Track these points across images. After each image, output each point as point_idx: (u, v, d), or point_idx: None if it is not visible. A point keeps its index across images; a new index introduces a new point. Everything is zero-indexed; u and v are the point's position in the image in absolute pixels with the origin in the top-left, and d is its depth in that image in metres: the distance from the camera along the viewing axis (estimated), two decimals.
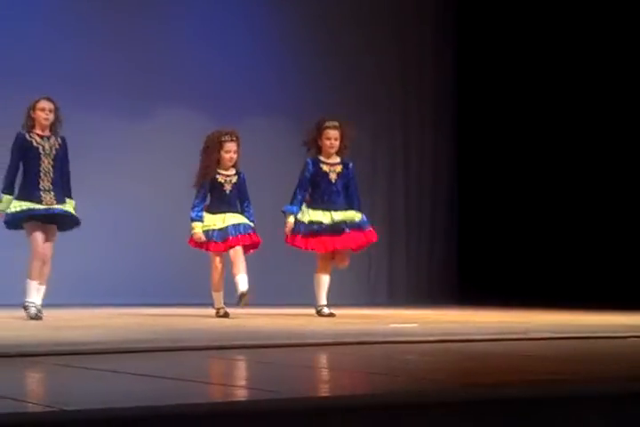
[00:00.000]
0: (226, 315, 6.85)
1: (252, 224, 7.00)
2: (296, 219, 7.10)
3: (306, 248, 7.15)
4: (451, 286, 11.83)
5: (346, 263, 7.20)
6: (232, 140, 7.02)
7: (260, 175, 9.38)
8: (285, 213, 7.15)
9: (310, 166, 7.16)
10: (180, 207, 7.70)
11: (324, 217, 7.10)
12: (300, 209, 7.15)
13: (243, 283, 6.72)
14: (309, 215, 7.13)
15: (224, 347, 4.03)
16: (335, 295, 10.09)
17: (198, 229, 6.95)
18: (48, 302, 6.41)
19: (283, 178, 10.67)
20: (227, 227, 6.92)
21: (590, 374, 3.15)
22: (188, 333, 5.14)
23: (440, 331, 5.41)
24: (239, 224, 6.95)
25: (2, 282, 7.92)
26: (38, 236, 6.36)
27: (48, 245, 6.38)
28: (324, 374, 3.24)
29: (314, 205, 7.16)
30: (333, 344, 4.32)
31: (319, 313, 7.15)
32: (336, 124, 7.13)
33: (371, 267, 11.68)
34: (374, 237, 7.23)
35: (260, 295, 7.24)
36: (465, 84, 11.96)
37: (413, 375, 3.10)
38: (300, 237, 7.09)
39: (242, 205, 7.08)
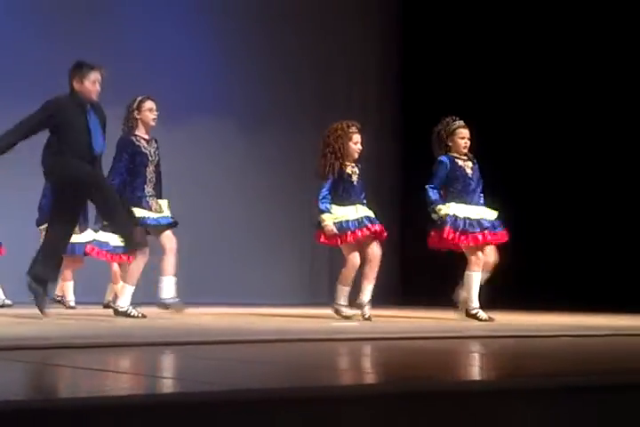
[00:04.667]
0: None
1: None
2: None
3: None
4: (391, 285, 11.97)
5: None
6: (359, 132, 6.84)
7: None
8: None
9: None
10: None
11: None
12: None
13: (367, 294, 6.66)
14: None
15: (172, 343, 4.10)
16: (276, 295, 10.19)
17: (329, 221, 6.68)
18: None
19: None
20: (362, 217, 6.70)
21: (517, 370, 3.31)
22: (132, 330, 5.21)
23: (380, 329, 5.56)
24: (371, 217, 6.75)
25: None
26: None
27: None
28: (272, 368, 3.34)
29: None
30: (276, 341, 4.42)
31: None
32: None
33: (312, 266, 11.81)
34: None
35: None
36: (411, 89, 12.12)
37: (358, 370, 3.22)
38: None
39: (364, 197, 6.89)
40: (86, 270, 8.97)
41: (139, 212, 6.45)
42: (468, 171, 6.81)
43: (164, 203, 6.71)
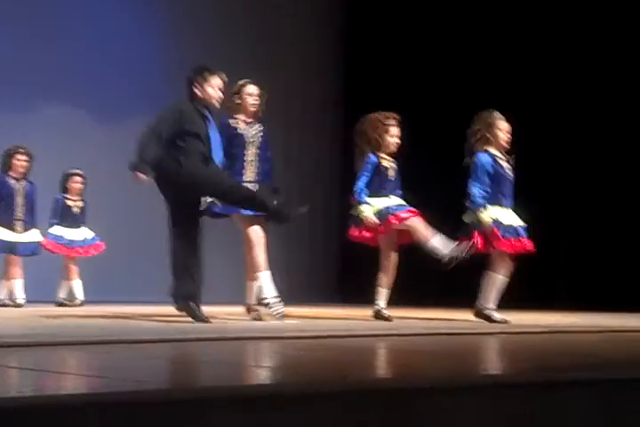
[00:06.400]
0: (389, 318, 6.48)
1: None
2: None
3: None
4: (330, 283, 12.01)
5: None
6: (397, 125, 6.57)
7: None
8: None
9: None
10: None
11: None
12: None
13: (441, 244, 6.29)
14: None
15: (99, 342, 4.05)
16: (225, 293, 10.10)
17: (368, 212, 6.42)
18: None
19: None
20: (398, 204, 6.49)
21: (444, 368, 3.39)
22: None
23: (319, 327, 5.61)
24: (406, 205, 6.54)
25: None
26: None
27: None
28: (207, 366, 3.37)
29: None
30: (217, 340, 4.43)
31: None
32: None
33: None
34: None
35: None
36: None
37: (293, 369, 3.27)
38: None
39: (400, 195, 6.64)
40: (37, 268, 8.89)
41: None
42: (508, 171, 6.53)
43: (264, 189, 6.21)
